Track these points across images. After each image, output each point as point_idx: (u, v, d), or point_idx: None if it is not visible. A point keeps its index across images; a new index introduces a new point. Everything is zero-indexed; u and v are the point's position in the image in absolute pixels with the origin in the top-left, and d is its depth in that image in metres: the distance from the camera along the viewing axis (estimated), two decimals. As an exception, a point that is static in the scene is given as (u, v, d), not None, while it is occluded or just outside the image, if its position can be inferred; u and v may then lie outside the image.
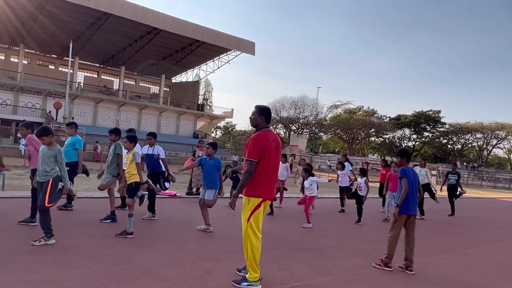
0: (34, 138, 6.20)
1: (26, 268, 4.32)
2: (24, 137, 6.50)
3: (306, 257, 5.65)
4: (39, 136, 5.40)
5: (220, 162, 7.07)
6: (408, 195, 5.48)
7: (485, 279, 5.54)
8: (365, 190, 9.41)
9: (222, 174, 7.04)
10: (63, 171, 5.35)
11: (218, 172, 6.87)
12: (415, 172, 5.88)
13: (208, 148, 7.05)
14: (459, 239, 8.70)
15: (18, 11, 33.85)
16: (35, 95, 39.45)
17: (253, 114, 4.45)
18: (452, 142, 67.95)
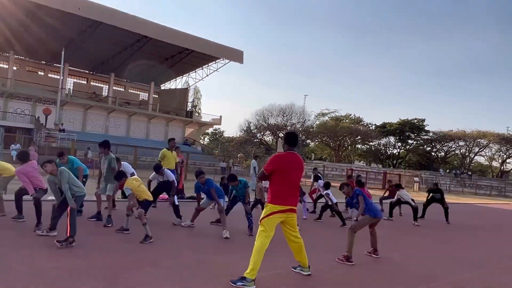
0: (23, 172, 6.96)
1: (46, 258, 5.07)
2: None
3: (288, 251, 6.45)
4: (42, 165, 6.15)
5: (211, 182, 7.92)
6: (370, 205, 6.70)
7: (441, 270, 6.42)
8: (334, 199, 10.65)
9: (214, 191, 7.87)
10: (65, 190, 6.02)
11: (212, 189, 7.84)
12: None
13: (202, 178, 7.84)
14: (426, 238, 9.62)
15: (8, 18, 34.26)
16: (24, 101, 39.78)
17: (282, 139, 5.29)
18: (435, 149, 69.71)
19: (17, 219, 7.18)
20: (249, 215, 8.13)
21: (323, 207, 10.84)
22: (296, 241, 5.25)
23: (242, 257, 5.69)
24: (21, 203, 7.27)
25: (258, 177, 5.33)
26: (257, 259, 4.76)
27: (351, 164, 60.07)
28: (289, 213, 5.06)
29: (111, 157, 8.02)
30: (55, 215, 6.18)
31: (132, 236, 6.68)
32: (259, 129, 63.49)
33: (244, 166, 45.85)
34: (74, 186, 6.07)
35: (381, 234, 8.58)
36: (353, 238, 6.36)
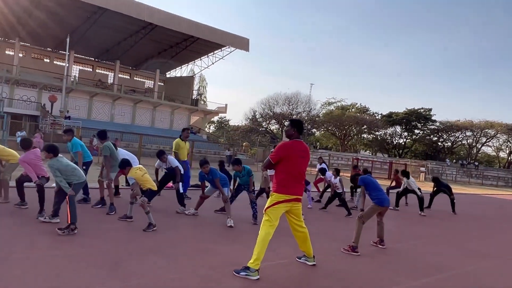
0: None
1: (49, 246, 5.03)
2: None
3: (292, 241, 6.38)
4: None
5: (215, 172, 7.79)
6: (378, 193, 6.56)
7: (447, 261, 6.32)
8: (341, 188, 10.46)
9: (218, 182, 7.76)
10: (58, 181, 5.98)
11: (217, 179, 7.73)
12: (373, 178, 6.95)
13: (206, 167, 7.71)
14: (432, 228, 9.51)
15: (13, 5, 34.12)
16: (30, 88, 39.77)
17: (287, 126, 5.13)
18: (442, 139, 69.19)
19: (20, 206, 7.15)
20: (254, 203, 8.05)
21: (330, 197, 10.71)
22: (301, 231, 5.16)
23: (246, 246, 5.63)
24: (22, 190, 7.23)
25: (264, 166, 5.21)
26: (261, 249, 4.68)
27: (357, 154, 59.86)
28: (294, 202, 4.96)
29: (104, 145, 7.98)
30: (56, 201, 6.13)
31: (135, 224, 6.63)
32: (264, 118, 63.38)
33: (249, 154, 45.82)
34: (72, 176, 6.01)
35: (387, 225, 8.48)
36: (361, 228, 6.26)
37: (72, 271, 4.23)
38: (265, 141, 65.59)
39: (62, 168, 5.93)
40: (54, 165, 5.91)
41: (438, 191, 13.07)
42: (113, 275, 4.22)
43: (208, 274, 4.57)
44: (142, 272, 4.39)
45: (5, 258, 4.44)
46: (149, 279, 4.22)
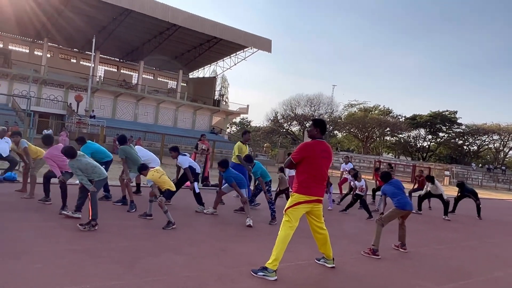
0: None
1: (70, 240, 5.10)
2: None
3: (311, 242, 6.30)
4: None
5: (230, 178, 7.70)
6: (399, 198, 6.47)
7: (473, 267, 6.12)
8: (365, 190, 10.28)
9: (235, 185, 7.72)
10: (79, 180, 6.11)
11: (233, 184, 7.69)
12: (397, 180, 6.88)
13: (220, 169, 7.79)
14: (457, 233, 9.25)
15: (43, 6, 35.04)
16: (57, 87, 40.71)
17: (310, 126, 5.06)
18: (468, 143, 67.50)
19: (44, 202, 7.29)
20: (271, 204, 8.00)
21: (352, 201, 10.55)
22: (321, 233, 5.09)
23: (265, 246, 5.59)
24: (48, 186, 7.40)
25: (285, 165, 5.13)
26: (280, 249, 4.63)
27: (379, 156, 59.01)
28: (315, 203, 4.88)
29: (120, 148, 8.13)
30: (80, 197, 6.23)
31: (154, 222, 6.67)
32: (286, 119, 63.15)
33: (270, 155, 45.76)
34: (92, 173, 6.09)
35: (410, 228, 8.30)
36: (380, 231, 6.14)
37: (91, 265, 4.28)
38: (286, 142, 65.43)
39: (82, 167, 6.02)
40: (74, 165, 6.01)
41: (462, 196, 12.72)
42: (130, 271, 4.24)
43: (226, 273, 4.54)
44: (159, 269, 4.40)
45: (27, 251, 4.53)
46: (166, 276, 4.23)
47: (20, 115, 31.71)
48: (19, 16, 36.31)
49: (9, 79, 37.50)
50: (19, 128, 20.11)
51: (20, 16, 36.31)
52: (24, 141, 8.26)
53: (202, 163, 12.73)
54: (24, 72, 36.68)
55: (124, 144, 8.21)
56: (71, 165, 6.03)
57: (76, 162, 6.01)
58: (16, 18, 36.65)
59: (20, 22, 37.73)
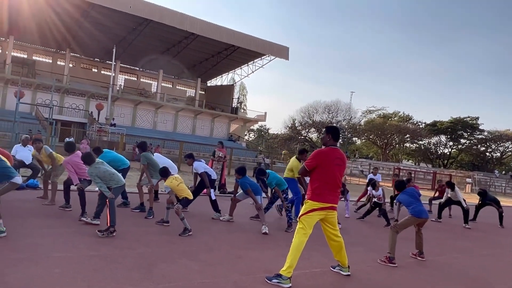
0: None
1: (88, 246, 5.22)
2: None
3: (326, 250, 6.27)
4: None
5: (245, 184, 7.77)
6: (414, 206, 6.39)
7: (492, 277, 5.99)
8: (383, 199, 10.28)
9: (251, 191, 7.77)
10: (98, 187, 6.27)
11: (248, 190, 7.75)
12: (412, 189, 6.79)
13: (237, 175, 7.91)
14: (477, 242, 9.07)
15: (65, 18, 36.01)
16: (79, 96, 41.68)
17: (323, 133, 5.12)
18: (490, 149, 66.07)
19: (64, 208, 7.46)
20: (288, 211, 8.01)
21: (369, 209, 10.46)
22: (336, 240, 5.07)
23: (280, 253, 5.60)
24: (69, 193, 7.57)
25: (300, 173, 5.17)
26: (294, 256, 4.63)
27: (399, 163, 58.23)
28: (329, 210, 4.88)
29: (142, 155, 8.28)
30: (99, 204, 6.37)
31: (171, 229, 6.76)
32: (304, 126, 63.00)
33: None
34: (110, 180, 6.22)
35: (428, 236, 8.18)
36: (395, 238, 6.08)
37: (109, 271, 4.36)
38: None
39: (101, 175, 6.16)
40: (92, 172, 6.16)
41: (484, 204, 12.45)
42: (147, 277, 4.31)
43: (241, 279, 4.57)
44: (175, 275, 4.46)
45: (47, 256, 4.65)
46: (181, 282, 4.28)
47: (43, 123, 32.55)
48: (42, 28, 37.39)
49: (33, 89, 38.55)
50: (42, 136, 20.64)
51: (43, 28, 37.39)
52: (48, 147, 8.50)
53: (219, 170, 12.83)
54: (47, 81, 37.65)
55: (145, 151, 8.37)
56: (90, 173, 6.19)
57: (95, 169, 6.16)
58: (39, 30, 37.74)
59: (43, 34, 38.82)
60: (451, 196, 11.67)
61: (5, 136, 25.70)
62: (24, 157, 9.50)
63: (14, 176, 5.41)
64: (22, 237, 5.34)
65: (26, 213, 6.85)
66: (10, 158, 7.32)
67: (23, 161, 9.47)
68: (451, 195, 11.66)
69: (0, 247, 4.81)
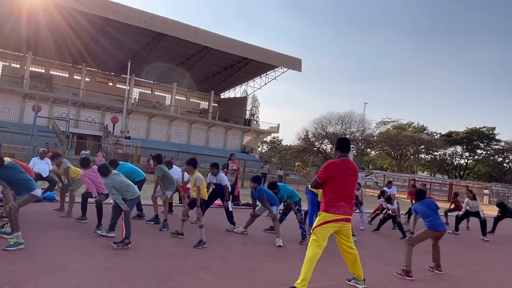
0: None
1: (104, 258, 5.26)
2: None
3: (342, 262, 6.21)
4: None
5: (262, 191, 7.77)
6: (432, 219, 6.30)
7: (513, 291, 5.86)
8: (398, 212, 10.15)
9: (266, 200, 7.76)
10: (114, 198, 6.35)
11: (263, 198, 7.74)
12: (430, 201, 6.68)
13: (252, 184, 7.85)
14: (496, 255, 8.88)
15: (81, 33, 36.81)
16: (94, 110, 42.33)
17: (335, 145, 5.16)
18: (508, 160, 64.87)
19: (81, 220, 7.56)
20: (302, 223, 7.97)
21: (382, 220, 10.36)
22: (351, 252, 5.02)
23: (294, 266, 5.56)
24: (86, 205, 7.67)
25: (312, 185, 5.16)
26: (308, 269, 4.61)
27: (414, 175, 57.50)
28: (343, 222, 4.85)
29: (158, 167, 8.32)
30: (113, 216, 6.44)
31: (186, 241, 6.78)
32: (317, 138, 62.76)
33: (302, 174, 45.48)
34: (126, 192, 6.29)
35: (446, 249, 8.05)
36: (411, 251, 5.99)
37: (124, 283, 4.39)
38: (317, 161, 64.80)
39: (117, 186, 6.23)
40: (109, 183, 6.23)
41: (503, 217, 12.21)
42: (162, 289, 4.32)
43: (255, 292, 4.55)
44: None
45: (64, 268, 4.70)
46: (196, 294, 4.28)
47: (59, 136, 33.10)
48: (59, 44, 38.20)
49: (50, 103, 39.31)
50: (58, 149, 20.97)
51: (59, 44, 38.21)
52: (67, 161, 8.65)
53: (233, 182, 12.85)
54: (63, 95, 38.36)
55: (160, 163, 8.45)
56: (106, 184, 6.26)
57: (111, 180, 6.23)
58: (56, 45, 38.58)
59: (60, 49, 39.66)
60: (470, 207, 11.47)
61: (23, 149, 26.18)
62: (41, 169, 9.65)
63: (34, 189, 5.54)
64: (40, 249, 5.42)
65: (43, 225, 6.95)
66: (31, 171, 7.47)
67: (41, 174, 9.61)
68: (471, 206, 11.45)
69: (19, 258, 4.89)
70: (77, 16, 33.70)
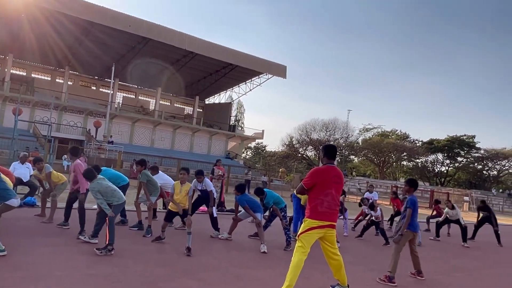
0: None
1: (87, 265, 5.19)
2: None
3: (327, 269, 6.25)
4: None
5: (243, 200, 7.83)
6: (414, 219, 6.25)
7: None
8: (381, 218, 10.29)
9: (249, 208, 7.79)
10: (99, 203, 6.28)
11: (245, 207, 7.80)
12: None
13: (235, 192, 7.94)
14: (476, 261, 9.04)
15: (64, 36, 36.34)
16: (77, 114, 41.78)
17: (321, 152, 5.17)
18: (487, 168, 66.26)
19: (62, 226, 7.43)
20: (287, 230, 8.00)
21: (365, 226, 10.47)
22: (335, 258, 5.06)
23: (280, 272, 5.58)
24: (70, 211, 7.52)
25: (297, 191, 5.20)
26: (293, 275, 4.63)
27: (396, 181, 58.20)
28: (328, 228, 4.89)
29: (142, 172, 8.28)
30: (97, 223, 6.35)
31: (170, 247, 6.74)
32: (301, 144, 63.05)
33: (286, 180, 45.60)
34: (111, 197, 6.23)
35: (427, 255, 8.19)
36: (399, 256, 6.05)
37: (108, 290, 4.34)
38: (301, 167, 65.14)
39: (102, 190, 6.16)
40: (95, 188, 6.16)
41: (482, 223, 12.45)
42: (147, 296, 4.29)
43: (240, 299, 4.55)
44: (174, 295, 4.43)
45: (47, 275, 4.62)
46: (181, 301, 4.26)
47: (40, 141, 32.53)
48: (42, 46, 37.65)
49: (31, 106, 38.66)
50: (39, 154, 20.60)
51: (42, 46, 37.67)
52: (49, 166, 8.49)
53: (218, 188, 12.81)
54: (45, 99, 37.77)
55: (145, 168, 8.39)
56: (92, 188, 6.18)
57: (97, 185, 6.16)
58: (39, 48, 38.00)
59: (43, 51, 39.11)
60: (450, 216, 11.67)
61: (2, 154, 25.66)
62: (22, 174, 9.48)
63: (10, 198, 5.34)
64: (22, 256, 5.31)
65: (24, 232, 6.82)
66: (11, 175, 7.31)
67: (21, 179, 9.44)
68: (450, 215, 11.66)
69: (0, 266, 4.78)
70: (61, 19, 33.30)
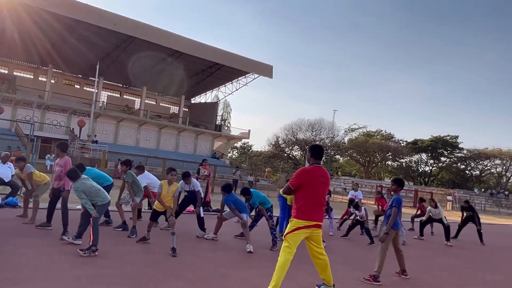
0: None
1: (69, 266, 5.12)
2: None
3: (313, 269, 6.27)
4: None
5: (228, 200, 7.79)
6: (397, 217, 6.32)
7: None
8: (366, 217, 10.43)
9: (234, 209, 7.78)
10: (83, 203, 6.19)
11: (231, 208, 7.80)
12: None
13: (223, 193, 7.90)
14: (459, 260, 9.18)
15: (48, 33, 35.75)
16: (60, 113, 41.16)
17: (307, 152, 5.16)
18: (470, 167, 67.42)
19: (45, 227, 7.29)
20: (273, 230, 8.00)
21: (351, 225, 10.55)
22: (321, 258, 5.08)
23: (265, 272, 5.58)
24: (53, 211, 7.38)
25: (284, 191, 5.20)
26: (280, 275, 4.63)
27: (381, 181, 58.80)
28: (314, 228, 4.90)
29: (128, 172, 8.14)
30: (81, 224, 6.25)
31: (155, 247, 6.68)
32: (287, 144, 63.28)
33: (272, 180, 45.66)
34: (96, 197, 6.15)
35: (411, 254, 8.28)
36: (385, 256, 6.09)
37: (92, 292, 4.28)
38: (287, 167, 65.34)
39: (87, 190, 6.08)
40: (78, 187, 6.07)
41: (466, 222, 12.65)
42: (132, 298, 4.24)
43: (226, 299, 4.53)
44: (160, 296, 4.40)
45: (30, 277, 4.54)
46: (166, 302, 4.22)
47: (23, 140, 31.97)
48: (24, 43, 36.98)
49: (13, 105, 37.95)
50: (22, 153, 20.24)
51: (25, 43, 36.99)
52: (30, 166, 8.34)
53: (204, 188, 12.76)
54: (28, 97, 37.12)
55: (130, 168, 8.30)
56: (76, 188, 6.08)
57: (81, 185, 6.07)
58: (22, 45, 37.32)
59: (25, 49, 38.42)
60: (432, 214, 11.83)
61: (-17, 153, 25.09)
62: (3, 174, 9.29)
63: None
64: (4, 257, 5.21)
65: (5, 232, 6.68)
66: None
67: (3, 179, 9.26)
68: (433, 213, 11.82)
69: (-21, 267, 4.68)
70: (44, 16, 32.77)
